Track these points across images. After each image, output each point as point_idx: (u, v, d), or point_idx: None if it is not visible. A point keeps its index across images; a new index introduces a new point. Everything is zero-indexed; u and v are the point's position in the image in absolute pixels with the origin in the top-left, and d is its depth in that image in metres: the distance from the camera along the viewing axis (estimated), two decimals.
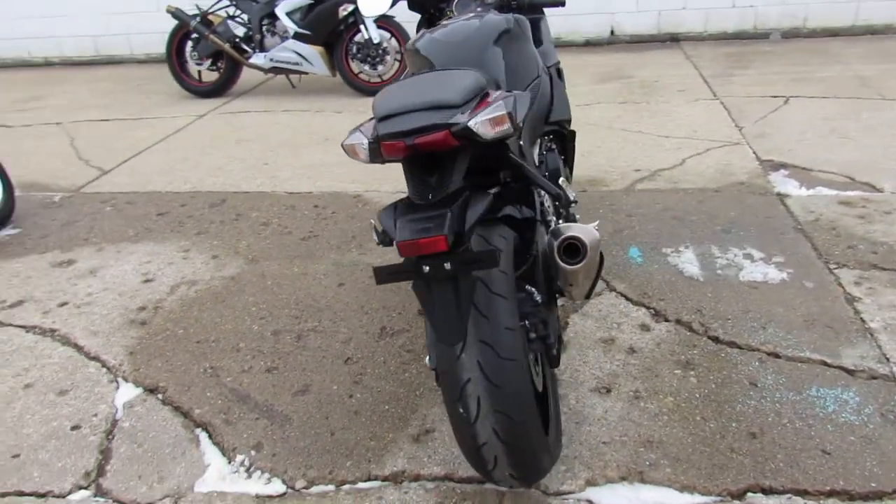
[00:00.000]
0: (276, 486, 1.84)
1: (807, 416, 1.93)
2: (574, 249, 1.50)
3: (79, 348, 2.50)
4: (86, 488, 1.89)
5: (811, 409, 1.95)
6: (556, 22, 6.71)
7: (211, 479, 1.89)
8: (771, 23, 6.53)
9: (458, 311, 1.37)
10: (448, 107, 1.36)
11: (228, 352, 2.41)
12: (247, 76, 6.09)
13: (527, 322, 1.64)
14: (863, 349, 2.17)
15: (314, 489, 1.82)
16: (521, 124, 1.57)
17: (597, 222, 2.29)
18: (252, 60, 5.59)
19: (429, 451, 1.91)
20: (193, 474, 1.91)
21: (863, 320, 2.31)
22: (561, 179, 2.34)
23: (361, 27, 5.29)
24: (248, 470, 1.91)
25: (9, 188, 3.66)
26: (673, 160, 3.78)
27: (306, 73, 5.62)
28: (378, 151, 1.37)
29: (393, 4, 2.68)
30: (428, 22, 2.69)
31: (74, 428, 2.11)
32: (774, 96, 4.76)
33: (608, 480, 1.78)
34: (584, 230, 1.54)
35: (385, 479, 1.83)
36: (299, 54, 5.44)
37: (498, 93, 1.51)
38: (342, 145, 1.45)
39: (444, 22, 2.20)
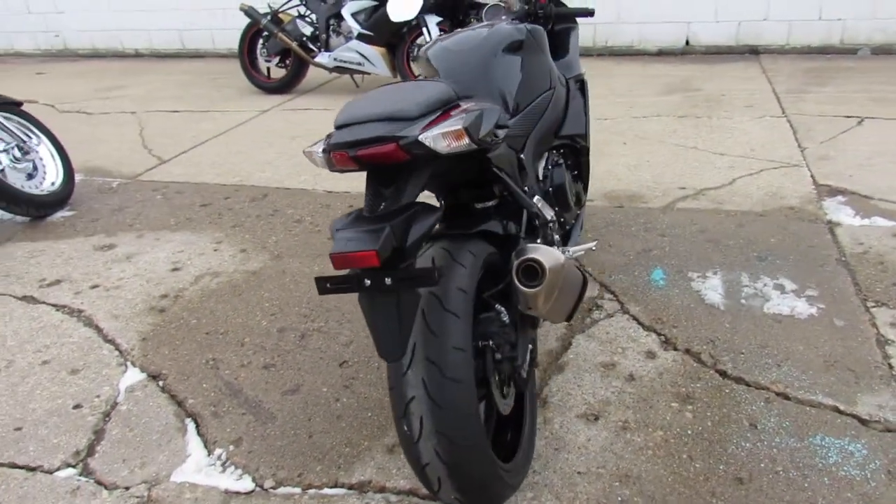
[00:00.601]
0: (246, 484, 1.87)
1: (803, 466, 1.79)
2: (532, 272, 1.45)
3: (98, 330, 2.62)
4: (73, 466, 1.97)
5: (810, 458, 1.81)
6: (627, 30, 6.55)
7: (188, 469, 1.93)
8: (860, 37, 6.12)
9: (399, 327, 1.35)
10: (401, 119, 1.33)
11: (233, 345, 2.47)
12: (313, 74, 6.23)
13: (491, 342, 1.59)
14: (883, 398, 2.00)
15: (280, 490, 1.83)
16: (494, 138, 1.53)
17: (594, 243, 2.22)
18: (317, 59, 5.71)
19: (399, 463, 1.88)
20: (174, 463, 1.96)
21: (891, 366, 2.13)
22: (574, 196, 2.27)
23: (423, 30, 5.31)
24: (223, 464, 1.94)
25: (69, 173, 3.88)
26: (722, 179, 3.60)
27: (368, 74, 5.70)
28: (331, 161, 1.37)
29: (421, 11, 2.68)
30: (457, 29, 2.67)
31: (76, 407, 2.21)
32: (848, 116, 4.45)
33: None
34: (547, 253, 1.48)
35: (351, 487, 1.82)
36: (362, 55, 5.51)
37: (466, 106, 1.47)
38: (303, 151, 1.45)
39: (458, 30, 2.17)
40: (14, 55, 9.03)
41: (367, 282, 1.32)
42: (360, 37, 5.47)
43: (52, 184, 3.79)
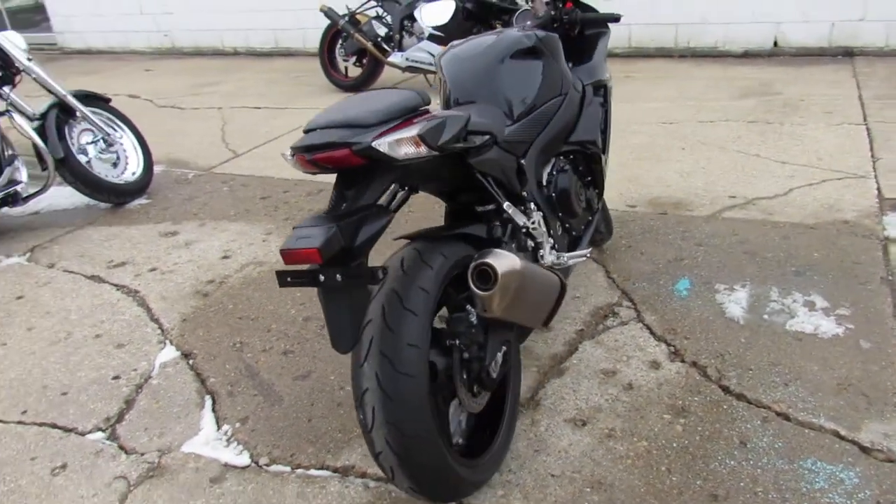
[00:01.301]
0: (243, 459, 2.01)
1: (785, 489, 1.73)
2: (485, 276, 1.49)
3: (148, 310, 2.86)
4: (103, 431, 2.18)
5: (795, 482, 1.75)
6: (712, 30, 6.34)
7: (198, 441, 2.10)
8: None
9: (349, 321, 1.44)
10: (358, 126, 1.42)
11: (260, 331, 2.63)
12: (389, 74, 6.40)
13: (458, 341, 1.65)
14: (892, 426, 1.90)
15: (272, 468, 1.97)
16: (463, 144, 1.59)
17: (588, 250, 2.21)
18: (390, 59, 5.88)
19: None
20: (186, 435, 2.13)
21: None
22: (584, 202, 2.28)
23: None
24: (228, 439, 2.09)
25: (149, 164, 4.21)
26: (777, 189, 3.46)
27: (434, 73, 5.80)
28: (297, 163, 1.47)
29: (453, 17, 2.71)
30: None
31: (115, 378, 2.43)
32: None
33: None
34: (503, 257, 1.52)
35: (335, 470, 1.93)
36: (432, 55, 5.63)
37: (432, 113, 1.53)
38: (281, 154, 1.56)
39: (471, 37, 2.23)
40: (129, 53, 9.78)
41: (322, 277, 1.42)
42: (431, 37, 5.60)
43: (133, 174, 4.13)
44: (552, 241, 2.08)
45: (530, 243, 1.89)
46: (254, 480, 1.92)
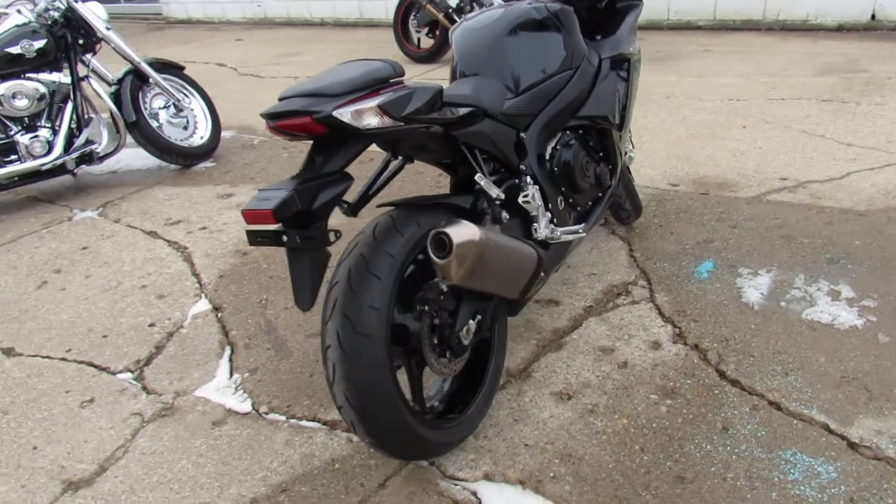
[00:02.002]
0: (245, 406, 2.16)
1: (756, 477, 1.70)
2: (441, 244, 1.53)
3: (191, 265, 3.07)
4: (131, 372, 2.39)
5: (769, 471, 1.71)
6: (804, 2, 5.97)
7: (210, 388, 2.27)
8: None
9: (310, 281, 1.52)
10: (324, 95, 1.48)
11: (286, 290, 2.78)
12: None
13: (427, 307, 1.71)
14: (888, 424, 1.81)
15: (269, 416, 2.10)
16: (439, 116, 1.63)
17: (581, 227, 2.18)
18: None
19: None
20: (202, 381, 2.30)
21: None
22: (592, 177, 2.26)
23: None
24: (236, 388, 2.25)
25: (216, 129, 4.45)
26: (834, 172, 3.27)
27: None
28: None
29: None
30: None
31: (151, 325, 2.65)
32: None
33: (505, 480, 1.78)
34: (461, 227, 1.55)
35: (325, 423, 2.04)
36: None
37: (397, 86, 1.58)
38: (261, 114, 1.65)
39: (484, 9, 2.24)
40: (226, 23, 10.23)
41: (285, 238, 1.51)
42: None
43: (201, 138, 4.38)
44: (549, 215, 2.08)
45: (504, 215, 1.88)
46: (250, 426, 2.07)
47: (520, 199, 1.95)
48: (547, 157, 2.14)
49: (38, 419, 2.19)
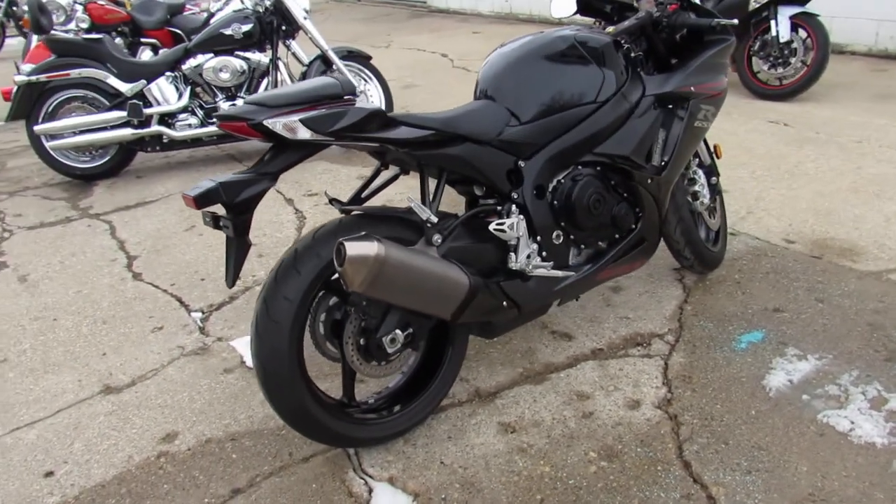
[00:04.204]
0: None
1: None
2: (339, 254, 1.65)
3: (299, 232, 3.48)
4: (203, 313, 2.84)
5: None
6: None
7: (243, 341, 2.60)
8: None
9: (233, 263, 1.75)
10: (266, 105, 1.67)
11: None
12: None
13: (353, 310, 1.84)
14: None
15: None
16: (377, 135, 1.75)
17: (559, 272, 2.07)
18: None
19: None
20: (242, 334, 2.66)
21: None
22: (607, 218, 2.17)
23: (772, 23, 4.81)
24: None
25: (389, 102, 4.85)
26: None
27: None
28: None
29: (577, 11, 2.47)
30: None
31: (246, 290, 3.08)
32: None
33: (403, 488, 1.86)
34: (359, 242, 1.65)
35: None
36: None
37: (339, 103, 1.71)
38: None
39: (519, 36, 2.26)
40: (475, 15, 10.77)
41: (221, 223, 1.75)
42: None
43: None
44: (536, 247, 2.06)
45: (435, 238, 1.89)
46: (248, 380, 2.37)
47: (492, 226, 1.97)
48: (549, 189, 2.11)
49: (120, 333, 2.73)
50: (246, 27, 4.46)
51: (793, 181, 3.54)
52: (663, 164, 2.26)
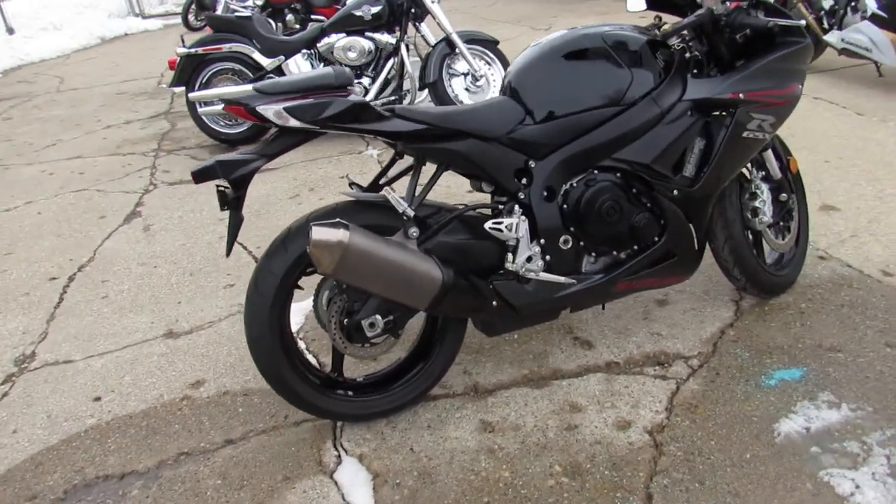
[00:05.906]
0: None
1: None
2: (308, 237, 1.74)
3: None
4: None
5: None
6: None
7: None
8: None
9: (231, 234, 1.91)
10: (266, 93, 1.79)
11: None
12: (827, 55, 5.43)
13: (336, 290, 1.94)
14: None
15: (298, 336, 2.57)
16: (361, 126, 1.82)
17: (567, 280, 2.00)
18: (826, 37, 5.04)
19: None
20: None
21: None
22: (624, 228, 2.06)
23: None
24: None
25: None
26: None
27: (876, 63, 4.76)
28: None
29: (648, 7, 2.18)
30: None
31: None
32: None
33: (368, 467, 1.93)
34: (326, 227, 1.73)
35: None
36: (871, 39, 4.64)
37: (331, 93, 1.78)
38: None
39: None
40: None
41: (226, 200, 1.91)
42: (873, 17, 4.59)
43: None
44: (539, 250, 2.02)
45: (412, 231, 1.89)
46: None
47: (487, 225, 1.96)
48: (561, 191, 2.04)
49: (198, 286, 3.05)
50: (375, 9, 4.65)
51: None
52: (698, 175, 2.09)
